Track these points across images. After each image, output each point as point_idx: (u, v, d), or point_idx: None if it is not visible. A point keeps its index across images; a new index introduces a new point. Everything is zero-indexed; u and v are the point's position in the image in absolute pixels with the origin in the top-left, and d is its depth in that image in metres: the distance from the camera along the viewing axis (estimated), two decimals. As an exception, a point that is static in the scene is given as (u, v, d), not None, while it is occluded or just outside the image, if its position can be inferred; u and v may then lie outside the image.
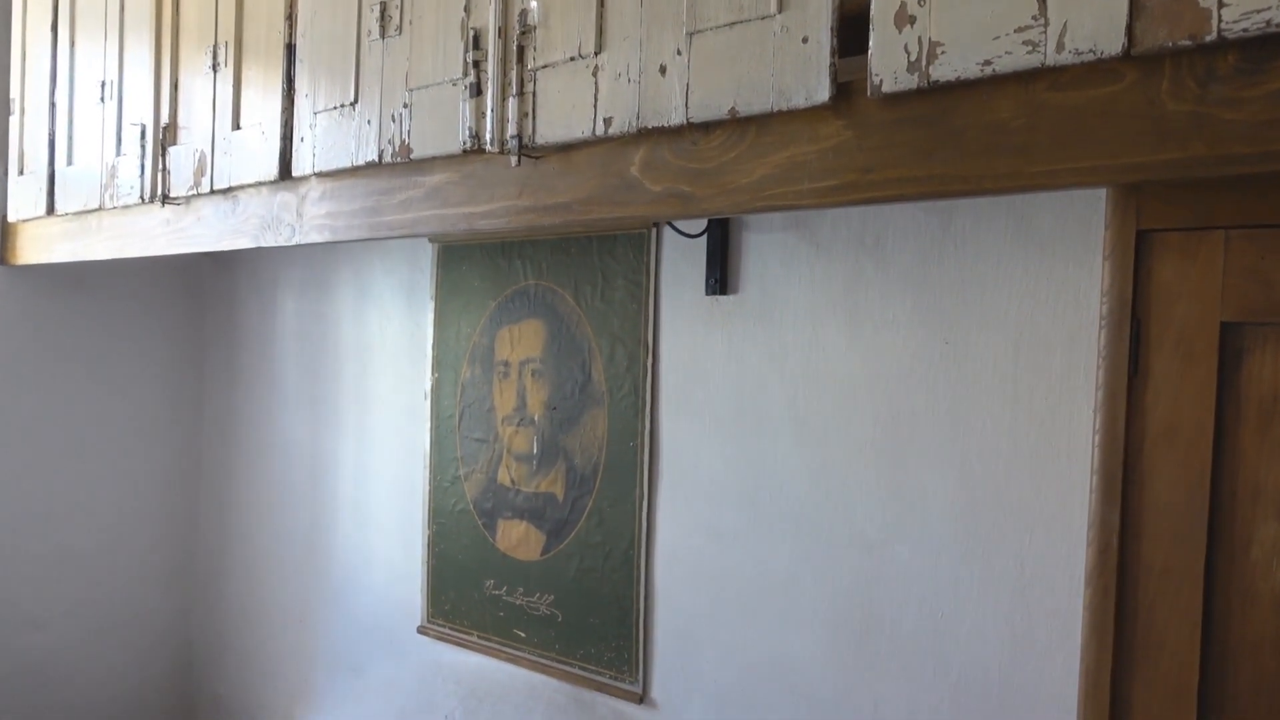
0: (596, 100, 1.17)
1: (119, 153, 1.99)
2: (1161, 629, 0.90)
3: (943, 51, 0.89)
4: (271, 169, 1.63)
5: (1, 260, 2.43)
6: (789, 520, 1.59)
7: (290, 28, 1.60)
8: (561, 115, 1.21)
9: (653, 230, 1.76)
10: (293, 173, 1.61)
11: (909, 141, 0.94)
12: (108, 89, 2.02)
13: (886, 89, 0.93)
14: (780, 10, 1.01)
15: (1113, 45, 0.80)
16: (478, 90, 1.30)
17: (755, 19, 1.02)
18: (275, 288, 2.61)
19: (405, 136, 1.40)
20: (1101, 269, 0.93)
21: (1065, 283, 1.32)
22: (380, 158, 1.44)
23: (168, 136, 1.86)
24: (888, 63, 0.93)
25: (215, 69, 1.75)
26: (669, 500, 1.76)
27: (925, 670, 1.45)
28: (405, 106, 1.40)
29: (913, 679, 1.46)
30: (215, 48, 1.74)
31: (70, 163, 2.14)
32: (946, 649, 1.43)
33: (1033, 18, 0.84)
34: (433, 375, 2.17)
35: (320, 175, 1.57)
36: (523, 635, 1.99)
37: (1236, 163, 0.77)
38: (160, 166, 1.87)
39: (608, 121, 1.16)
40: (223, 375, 2.79)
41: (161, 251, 1.95)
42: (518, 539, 2.00)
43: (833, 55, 0.97)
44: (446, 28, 1.34)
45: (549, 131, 1.23)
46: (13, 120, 2.32)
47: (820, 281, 1.55)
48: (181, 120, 1.85)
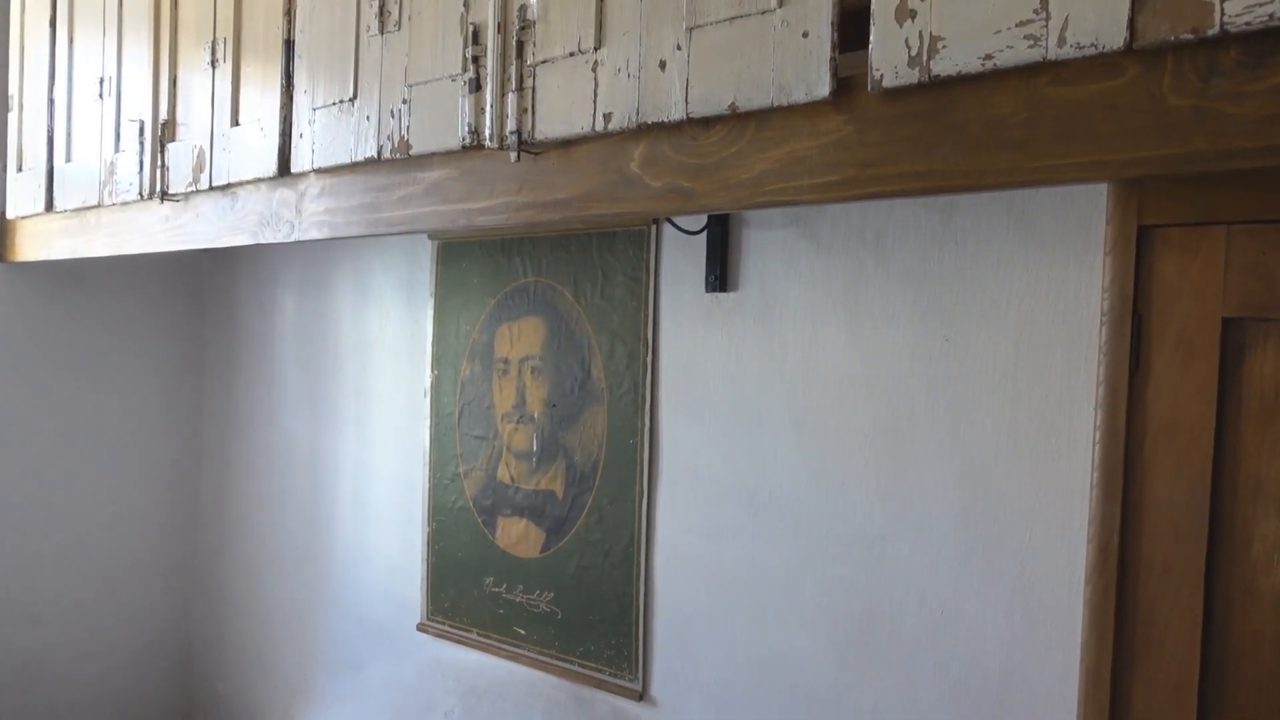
0: (596, 96, 1.17)
1: (118, 149, 1.98)
2: (1162, 626, 0.90)
3: (943, 46, 0.89)
4: (270, 165, 1.62)
5: (0, 257, 2.43)
6: (789, 518, 1.59)
7: (289, 23, 1.59)
8: (561, 111, 1.21)
9: (652, 227, 1.76)
10: (291, 169, 1.60)
11: (910, 136, 0.94)
12: (106, 85, 2.02)
13: (887, 84, 0.93)
14: (780, 4, 1.00)
15: (1114, 39, 0.80)
16: (477, 86, 1.29)
17: (755, 13, 1.02)
18: (275, 285, 2.60)
19: (404, 132, 1.40)
20: (1102, 265, 0.93)
21: (1066, 279, 1.31)
22: (379, 154, 1.43)
23: (166, 133, 1.86)
24: (888, 57, 0.92)
25: (214, 65, 1.74)
26: (668, 498, 1.75)
27: (925, 668, 1.45)
28: (404, 102, 1.40)
29: (912, 676, 1.46)
30: (214, 44, 1.74)
31: (69, 159, 2.14)
32: (946, 646, 1.43)
33: (1034, 11, 0.84)
34: (432, 372, 2.17)
35: (319, 171, 1.57)
36: (522, 632, 1.98)
37: (1239, 157, 0.76)
38: (159, 163, 1.86)
39: (607, 117, 1.16)
40: (222, 373, 2.78)
41: (160, 248, 1.95)
42: (517, 536, 2.00)
43: (833, 50, 0.97)
44: (445, 23, 1.34)
45: (548, 127, 1.22)
46: (11, 117, 2.32)
47: (820, 278, 1.55)
48: (180, 117, 1.85)
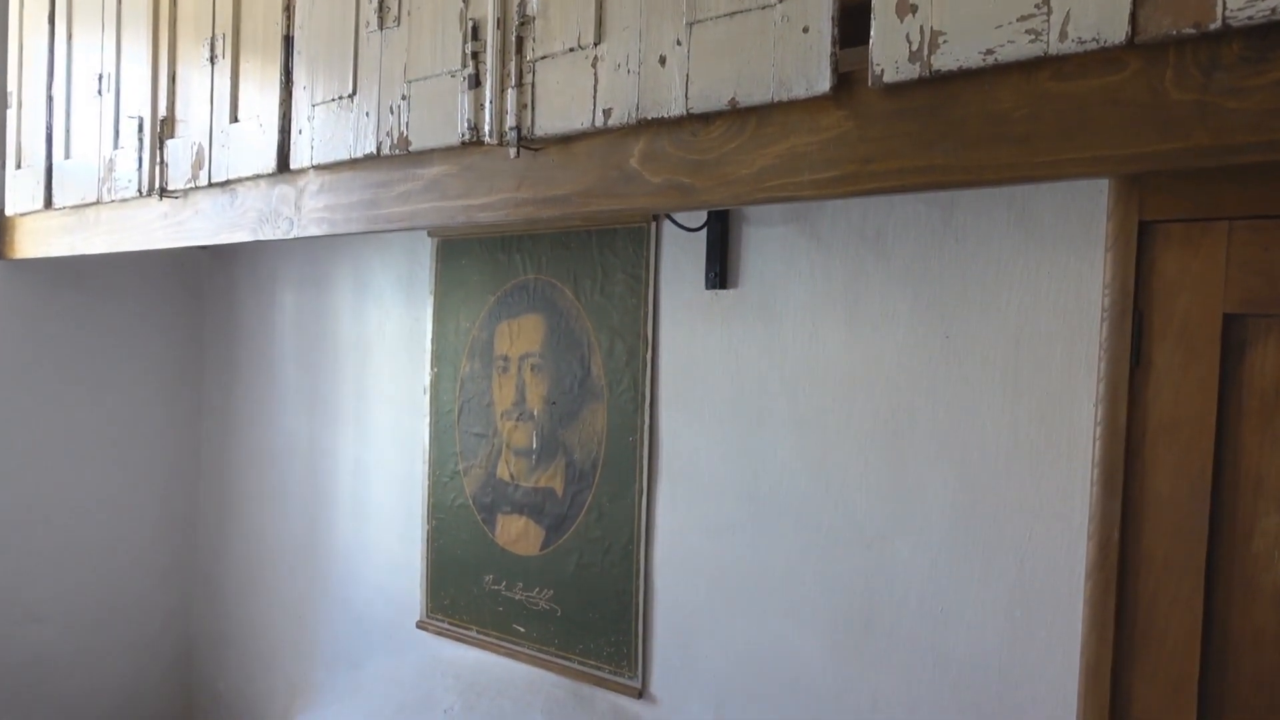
0: (596, 91, 1.17)
1: (116, 146, 1.98)
2: (1162, 622, 0.90)
3: (944, 41, 0.89)
4: (269, 162, 1.62)
5: (-1, 254, 2.43)
6: (788, 515, 1.59)
7: (288, 19, 1.59)
8: (561, 107, 1.21)
9: (652, 224, 1.76)
10: (291, 165, 1.60)
11: (910, 132, 0.93)
12: (105, 82, 2.01)
13: (888, 79, 0.92)
14: None
15: (1116, 34, 0.79)
16: (476, 82, 1.29)
17: (756, 8, 1.02)
18: (274, 283, 2.60)
19: (404, 128, 1.39)
20: (1103, 261, 0.92)
21: (1066, 276, 1.31)
22: (378, 150, 1.43)
23: (165, 129, 1.86)
24: (889, 52, 0.92)
25: (213, 61, 1.74)
26: (668, 495, 1.75)
27: (925, 665, 1.45)
28: (404, 98, 1.39)
29: (912, 674, 1.46)
30: (213, 40, 1.73)
31: (68, 156, 2.14)
32: (946, 643, 1.42)
33: (1035, 6, 0.83)
34: (432, 370, 2.16)
35: (318, 168, 1.56)
36: (522, 630, 1.98)
37: (1241, 152, 0.76)
38: (158, 159, 1.86)
39: (607, 113, 1.15)
40: (222, 370, 2.78)
41: (159, 245, 1.94)
42: (517, 534, 1.99)
43: (834, 45, 0.96)
44: (445, 19, 1.33)
45: (548, 123, 1.22)
46: (10, 113, 2.32)
47: (820, 275, 1.55)
48: (179, 113, 1.84)
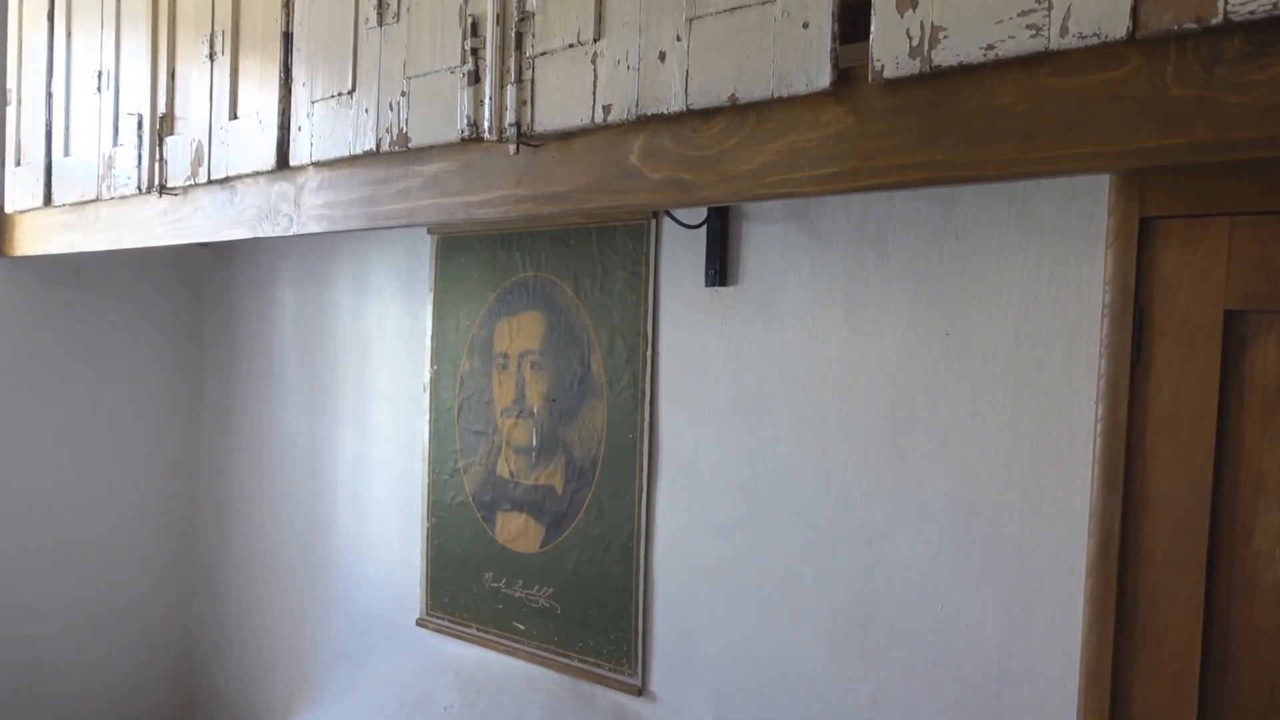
0: (595, 87, 1.16)
1: (116, 143, 1.98)
2: (1163, 619, 0.90)
3: (945, 36, 0.88)
4: (269, 159, 1.62)
5: (-1, 252, 2.43)
6: (788, 513, 1.59)
7: (287, 16, 1.59)
8: (560, 103, 1.20)
9: (652, 221, 1.76)
10: (290, 162, 1.60)
11: (910, 128, 0.93)
12: (104, 79, 2.01)
13: (888, 74, 0.92)
14: (781, -5, 1.00)
15: (1117, 29, 0.79)
16: (476, 78, 1.29)
17: (755, 4, 1.01)
18: (274, 280, 2.60)
19: (403, 125, 1.39)
20: (1104, 257, 0.92)
21: (1067, 272, 1.31)
22: (378, 147, 1.43)
23: (165, 126, 1.86)
24: (889, 48, 0.92)
25: (212, 58, 1.74)
26: (668, 493, 1.75)
27: (925, 662, 1.44)
28: (403, 95, 1.39)
29: (912, 671, 1.46)
30: (212, 37, 1.73)
31: (67, 153, 2.13)
32: (946, 641, 1.42)
33: (1036, 1, 0.83)
34: (431, 367, 2.16)
35: (318, 165, 1.56)
36: (522, 628, 1.98)
37: (1242, 148, 0.76)
38: (157, 157, 1.86)
39: (607, 109, 1.15)
40: (221, 368, 2.78)
41: (159, 242, 1.94)
42: (517, 531, 1.99)
43: (834, 40, 0.96)
44: (444, 15, 1.33)
45: (548, 119, 1.22)
46: (9, 111, 2.31)
47: (820, 272, 1.55)
48: (178, 110, 1.84)
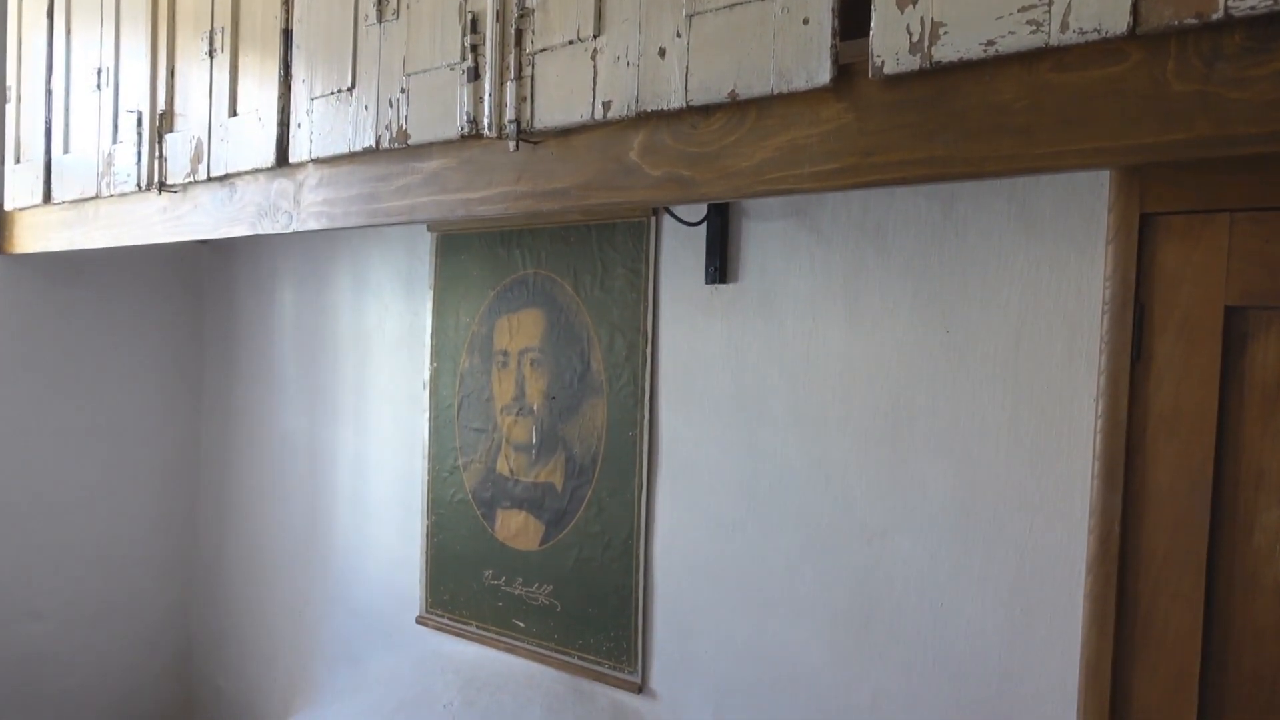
0: (595, 84, 1.16)
1: (115, 140, 1.98)
2: (1163, 617, 0.90)
3: (945, 32, 0.88)
4: (268, 156, 1.62)
5: (-2, 249, 2.43)
6: (789, 510, 1.59)
7: (287, 13, 1.58)
8: (560, 99, 1.20)
9: (652, 218, 1.75)
10: (290, 159, 1.60)
11: (911, 124, 0.93)
12: (104, 76, 2.01)
13: (888, 70, 0.92)
14: (781, -9, 0.99)
15: (1117, 24, 0.79)
16: (475, 75, 1.28)
17: (756, 0, 1.01)
18: (274, 278, 2.60)
19: (403, 122, 1.39)
20: (1104, 254, 0.92)
21: (1067, 270, 1.31)
22: (378, 144, 1.43)
23: (164, 124, 1.85)
24: (889, 44, 0.92)
25: (212, 55, 1.73)
26: (668, 490, 1.75)
27: (925, 660, 1.44)
28: (403, 92, 1.39)
29: (912, 669, 1.46)
30: (211, 34, 1.73)
31: (67, 151, 2.13)
32: (946, 639, 1.42)
33: (1036, -3, 0.83)
34: (431, 365, 2.16)
35: (317, 162, 1.56)
36: (521, 625, 1.98)
37: (1243, 143, 0.76)
38: (157, 154, 1.86)
39: (606, 105, 1.15)
40: (221, 365, 2.78)
41: (159, 239, 1.94)
42: (516, 529, 1.99)
43: (834, 36, 0.96)
44: (444, 11, 1.33)
45: (547, 116, 1.22)
46: (9, 108, 2.31)
47: (820, 269, 1.55)
48: (178, 107, 1.84)
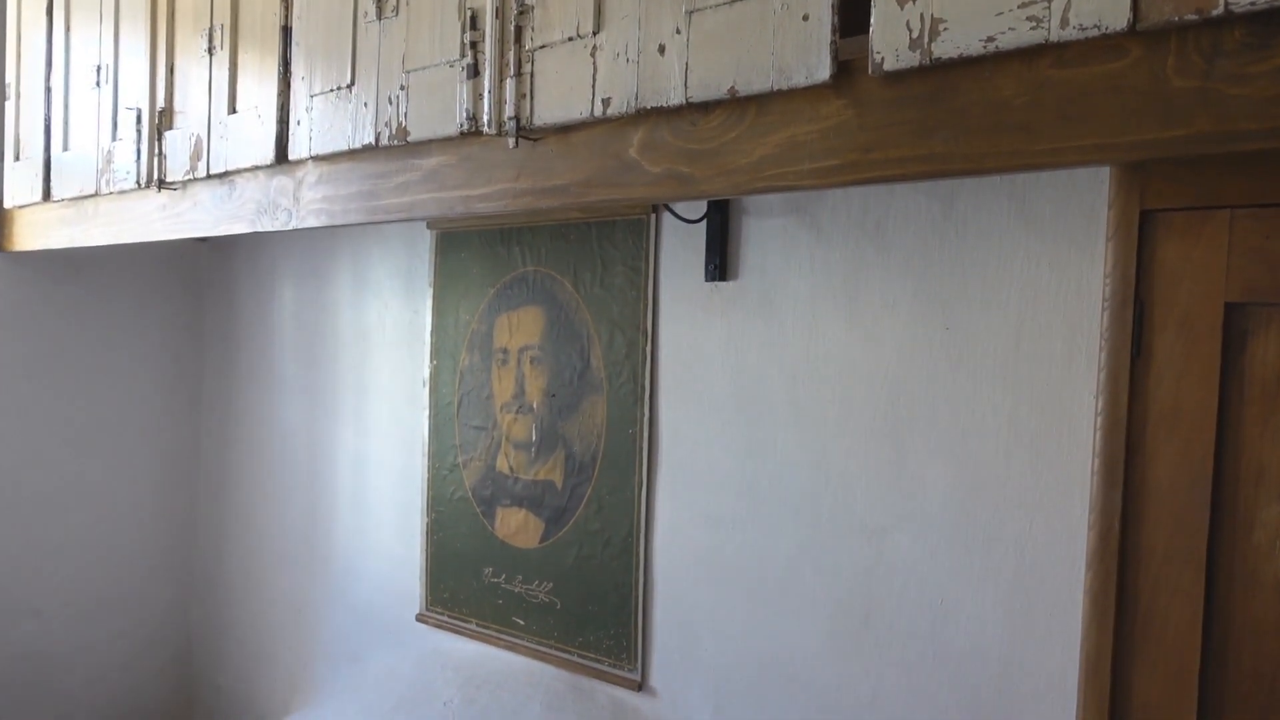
0: (595, 81, 1.16)
1: (115, 138, 1.97)
2: (1163, 613, 0.90)
3: (945, 28, 0.88)
4: (268, 153, 1.62)
5: (-2, 247, 2.42)
6: (788, 507, 1.59)
7: (286, 10, 1.58)
8: (559, 96, 1.20)
9: (652, 216, 1.75)
10: (289, 156, 1.59)
11: (910, 120, 0.93)
12: (103, 73, 2.01)
13: (888, 67, 0.92)
14: (781, -13, 0.99)
15: (1118, 20, 0.79)
16: (475, 72, 1.28)
17: (755, -4, 1.01)
18: (273, 275, 2.60)
19: (402, 119, 1.39)
20: (1104, 251, 0.92)
21: (1067, 267, 1.31)
22: (377, 141, 1.43)
23: (164, 121, 1.85)
24: (889, 40, 0.92)
25: (211, 52, 1.73)
26: (668, 488, 1.75)
27: (924, 657, 1.44)
28: (402, 89, 1.39)
29: (912, 666, 1.46)
30: (211, 31, 1.73)
31: (66, 148, 2.13)
32: (946, 635, 1.42)
33: (1036, -7, 0.83)
34: (431, 363, 2.16)
35: (317, 159, 1.56)
36: (521, 623, 1.98)
37: (1243, 139, 0.76)
38: (156, 151, 1.86)
39: (606, 102, 1.15)
40: (221, 363, 2.78)
41: (158, 237, 1.94)
42: (516, 526, 1.99)
43: (834, 33, 0.96)
44: (443, 8, 1.33)
45: (547, 113, 1.22)
46: (8, 106, 2.31)
47: (820, 267, 1.55)
48: (177, 104, 1.84)
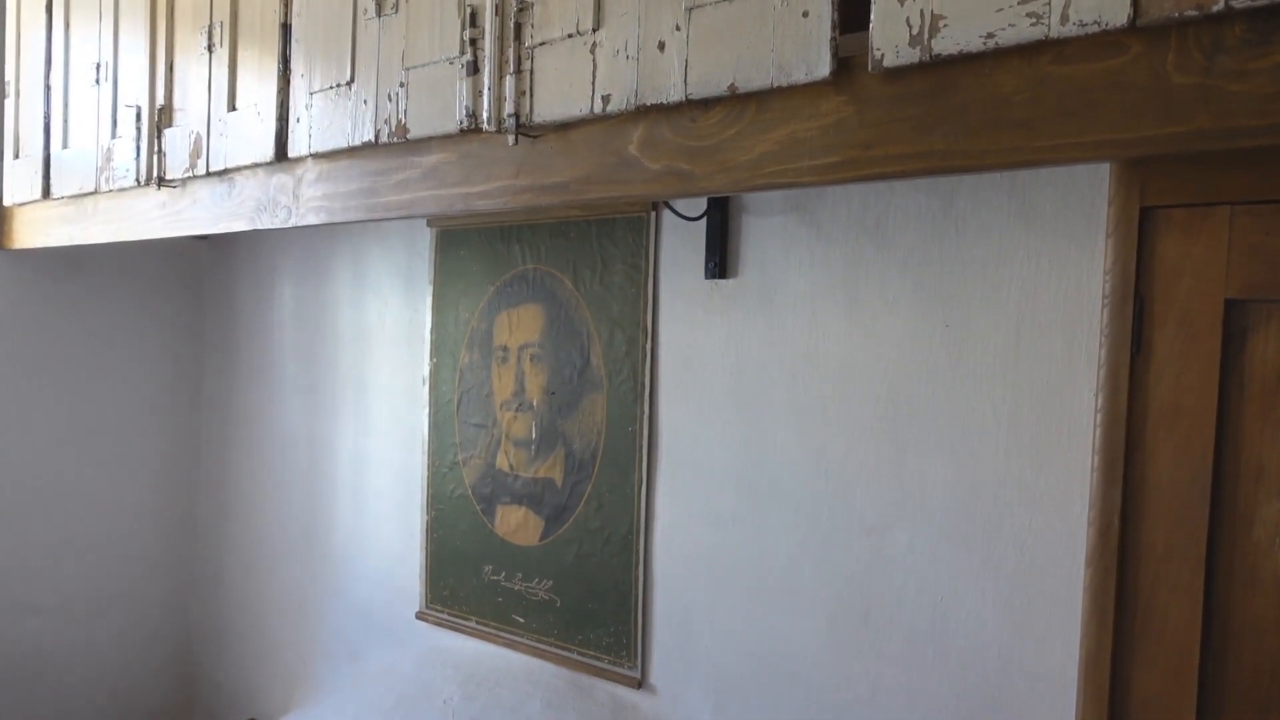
0: (594, 78, 1.16)
1: (114, 135, 1.97)
2: (1162, 610, 0.90)
3: (945, 24, 0.88)
4: (267, 150, 1.61)
5: (-3, 245, 2.42)
6: (788, 505, 1.59)
7: (286, 7, 1.58)
8: (559, 93, 1.20)
9: (651, 213, 1.75)
10: (289, 154, 1.59)
11: (910, 117, 0.93)
12: (103, 71, 2.01)
13: (888, 63, 0.92)
14: (780, -16, 0.99)
15: (1118, 17, 0.79)
16: (475, 69, 1.28)
17: (755, -7, 1.01)
18: (273, 273, 2.60)
19: (402, 116, 1.39)
20: (1104, 247, 0.92)
21: (1067, 264, 1.31)
22: (376, 138, 1.42)
23: (163, 118, 1.85)
24: (889, 36, 0.91)
25: (210, 49, 1.73)
26: (668, 485, 1.75)
27: (924, 655, 1.45)
28: (402, 86, 1.39)
29: (912, 664, 1.46)
30: (210, 28, 1.73)
31: (65, 146, 2.13)
32: (946, 633, 1.42)
33: (1036, -11, 0.83)
34: (431, 360, 2.16)
35: (316, 156, 1.56)
36: (521, 621, 1.98)
37: (1243, 136, 0.76)
38: (156, 149, 1.85)
39: (606, 99, 1.15)
40: (221, 361, 2.78)
41: (158, 235, 1.94)
42: (516, 524, 1.99)
43: (834, 29, 0.96)
44: (443, 5, 1.33)
45: (546, 110, 1.21)
46: (7, 103, 2.31)
47: (820, 264, 1.55)
48: (177, 102, 1.84)
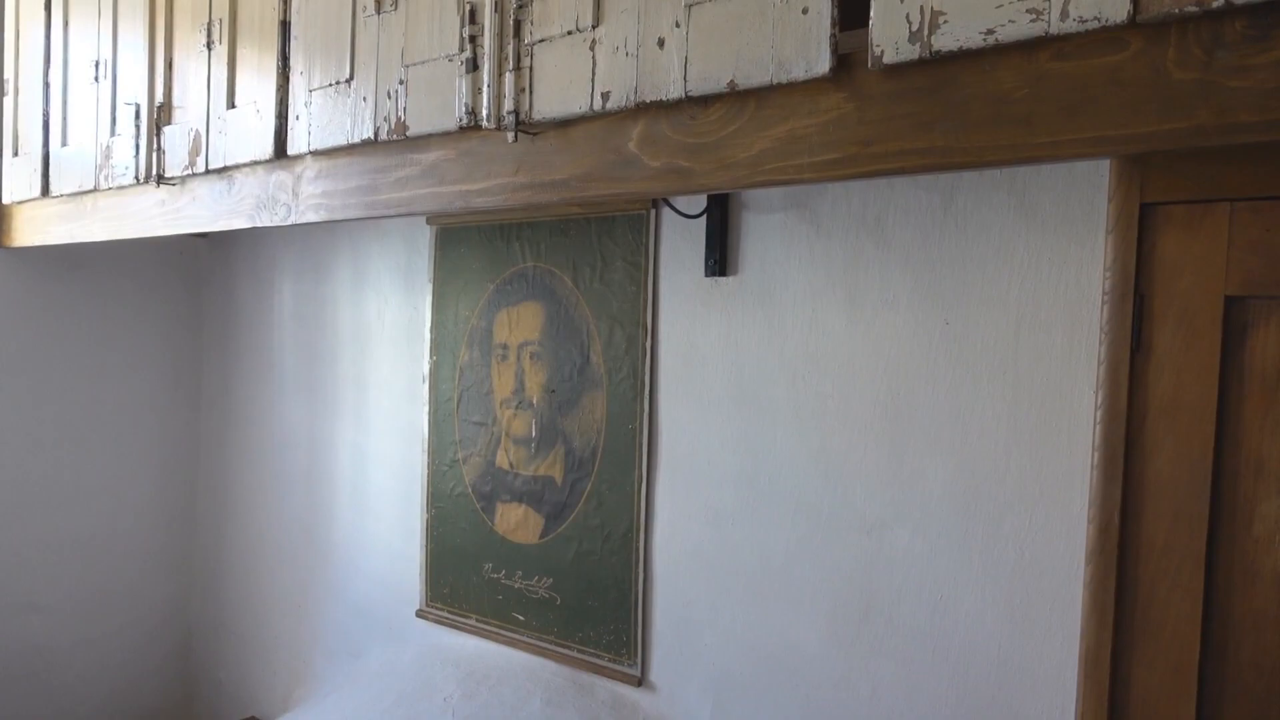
0: (594, 75, 1.16)
1: (113, 133, 1.97)
2: (1162, 606, 0.90)
3: (944, 21, 0.88)
4: (267, 148, 1.61)
5: (-3, 243, 2.42)
6: (788, 503, 1.59)
7: (285, 4, 1.58)
8: (559, 90, 1.20)
9: (651, 211, 1.75)
10: (288, 151, 1.59)
11: (910, 113, 0.93)
12: (102, 69, 2.00)
13: (887, 60, 0.92)
14: (780, -19, 0.99)
15: (1118, 13, 0.79)
16: (474, 66, 1.28)
17: (755, -10, 1.01)
18: (273, 271, 2.60)
19: (401, 113, 1.39)
20: (1104, 244, 0.92)
21: (1066, 261, 1.31)
22: (376, 135, 1.42)
23: (162, 116, 1.85)
24: (889, 33, 0.91)
25: (210, 47, 1.73)
26: (668, 483, 1.75)
27: (924, 653, 1.45)
28: (401, 83, 1.39)
29: (912, 661, 1.46)
30: (209, 25, 1.72)
31: (64, 143, 2.13)
32: (946, 631, 1.42)
33: (1036, -15, 0.83)
34: (431, 358, 2.16)
35: (316, 154, 1.56)
36: (521, 619, 1.98)
37: (1243, 131, 0.76)
38: (155, 146, 1.85)
39: (605, 96, 1.15)
40: (220, 359, 2.78)
41: (157, 232, 1.94)
42: (516, 522, 1.99)
43: (833, 26, 0.96)
44: (442, 2, 1.32)
45: (546, 107, 1.21)
46: (6, 101, 2.30)
47: (820, 262, 1.54)
48: (176, 99, 1.83)
